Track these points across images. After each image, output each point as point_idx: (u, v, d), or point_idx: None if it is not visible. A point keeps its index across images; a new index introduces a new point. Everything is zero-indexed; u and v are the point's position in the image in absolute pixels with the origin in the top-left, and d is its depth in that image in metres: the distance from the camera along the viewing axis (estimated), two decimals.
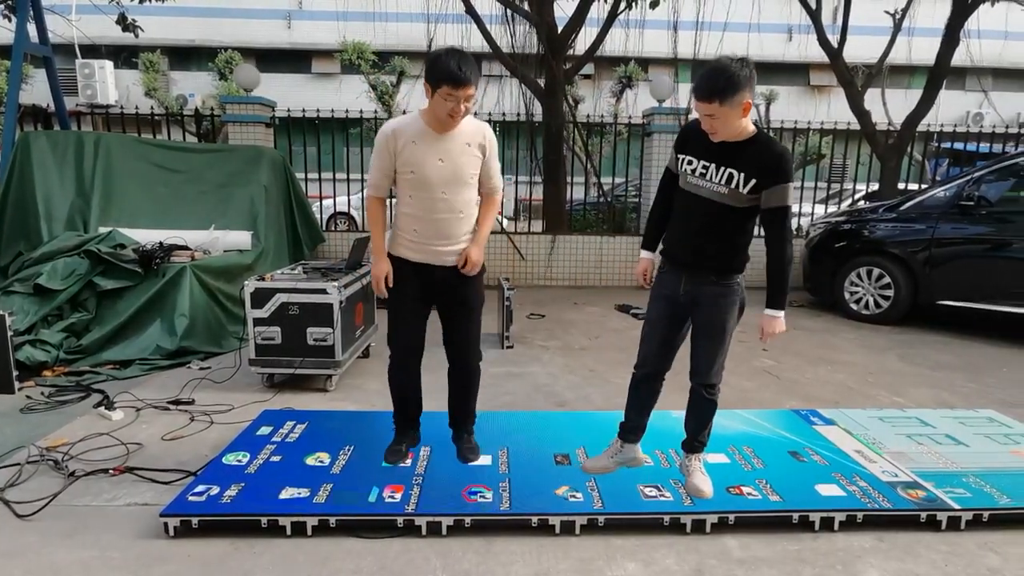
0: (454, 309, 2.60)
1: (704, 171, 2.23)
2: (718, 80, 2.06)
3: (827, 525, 2.37)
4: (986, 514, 2.40)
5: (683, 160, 2.31)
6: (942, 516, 2.38)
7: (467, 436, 2.76)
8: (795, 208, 9.92)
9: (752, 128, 2.20)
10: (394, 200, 2.66)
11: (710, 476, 2.55)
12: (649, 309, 2.52)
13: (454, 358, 2.68)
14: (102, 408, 3.37)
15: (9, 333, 3.65)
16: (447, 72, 2.27)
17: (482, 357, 2.73)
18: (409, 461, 2.71)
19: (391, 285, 2.53)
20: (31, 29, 6.30)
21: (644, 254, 2.57)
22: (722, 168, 2.20)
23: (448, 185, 2.44)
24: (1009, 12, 9.74)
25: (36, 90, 11.29)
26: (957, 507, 2.40)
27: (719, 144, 2.20)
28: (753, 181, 2.16)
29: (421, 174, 2.41)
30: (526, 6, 8.05)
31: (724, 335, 2.37)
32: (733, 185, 2.19)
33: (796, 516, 2.38)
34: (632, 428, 2.61)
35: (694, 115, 2.24)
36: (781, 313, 2.30)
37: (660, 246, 2.52)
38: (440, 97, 2.31)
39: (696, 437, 2.53)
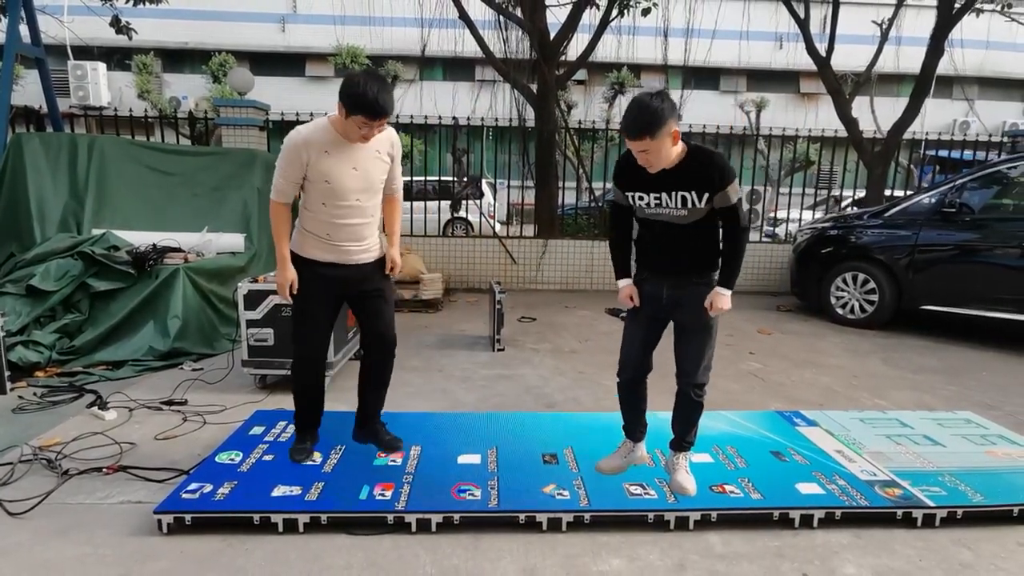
0: (368, 301, 2.69)
1: (658, 201, 2.34)
2: (643, 117, 2.16)
3: (806, 522, 2.43)
4: (960, 511, 2.47)
5: (633, 197, 2.41)
6: (918, 513, 2.45)
7: (383, 426, 2.86)
8: (782, 214, 10.06)
9: (681, 147, 2.30)
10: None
11: (694, 475, 2.62)
12: (631, 313, 2.60)
13: (375, 345, 2.76)
14: (95, 408, 3.40)
15: (1, 334, 3.68)
16: (364, 104, 2.30)
17: (396, 343, 2.82)
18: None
19: (295, 292, 2.60)
20: (23, 30, 6.31)
21: (623, 282, 2.61)
22: (674, 194, 2.30)
23: (362, 192, 2.53)
24: (992, 23, 9.93)
25: (27, 91, 11.28)
26: (932, 505, 2.47)
27: (660, 173, 2.30)
28: (706, 194, 2.28)
29: (337, 184, 2.46)
30: (519, 12, 8.14)
31: (710, 333, 2.47)
32: (690, 205, 2.30)
33: (777, 513, 2.44)
34: (633, 428, 2.73)
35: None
36: (729, 292, 2.40)
37: (633, 268, 2.61)
38: (354, 123, 2.36)
39: (684, 437, 2.62)
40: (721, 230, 2.39)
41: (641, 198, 2.37)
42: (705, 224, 2.36)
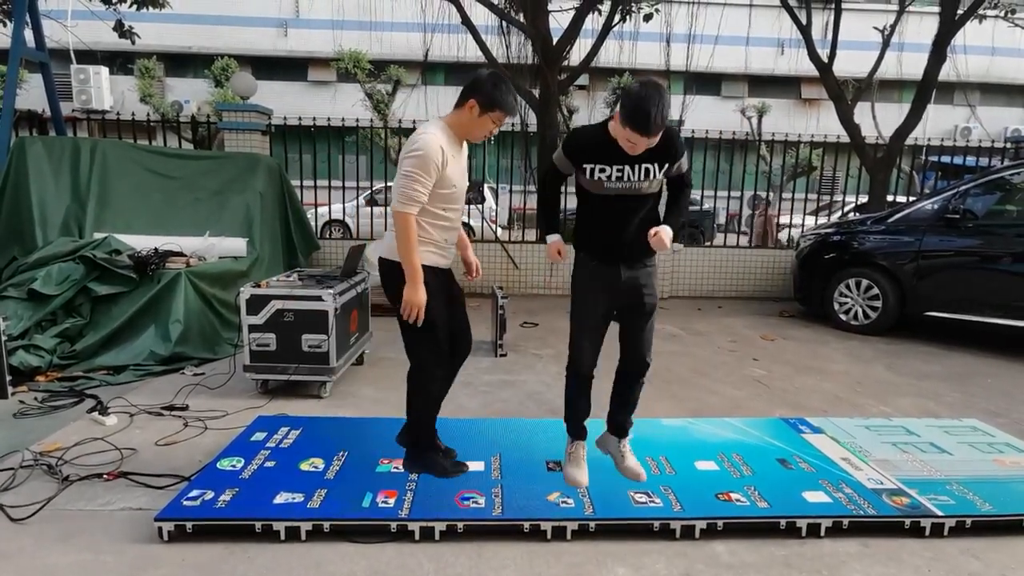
0: (456, 300, 2.74)
1: (620, 173, 2.37)
2: (659, 117, 2.18)
3: (814, 531, 2.41)
4: (968, 521, 2.45)
5: (591, 170, 2.39)
6: (926, 523, 2.43)
7: (450, 452, 2.89)
8: (785, 219, 10.04)
9: None
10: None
11: (701, 483, 2.61)
12: (583, 304, 2.61)
13: (464, 345, 2.83)
14: (96, 413, 3.38)
15: (3, 338, 3.67)
16: (507, 105, 2.41)
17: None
18: (388, 462, 2.79)
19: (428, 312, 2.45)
20: (28, 34, 6.32)
21: (552, 237, 2.69)
22: (637, 166, 2.36)
23: (464, 193, 2.61)
24: (995, 29, 9.94)
25: (31, 95, 11.29)
26: (940, 514, 2.45)
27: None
28: (666, 165, 2.39)
29: (460, 187, 2.51)
30: (521, 18, 8.15)
31: (654, 313, 2.58)
32: (651, 176, 2.38)
33: (784, 522, 2.42)
34: (581, 426, 2.76)
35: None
36: (672, 231, 2.45)
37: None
38: (488, 120, 2.42)
39: (627, 422, 2.73)
40: (672, 194, 2.55)
41: (603, 170, 2.38)
42: (654, 199, 2.48)
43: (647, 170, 2.36)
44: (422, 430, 2.71)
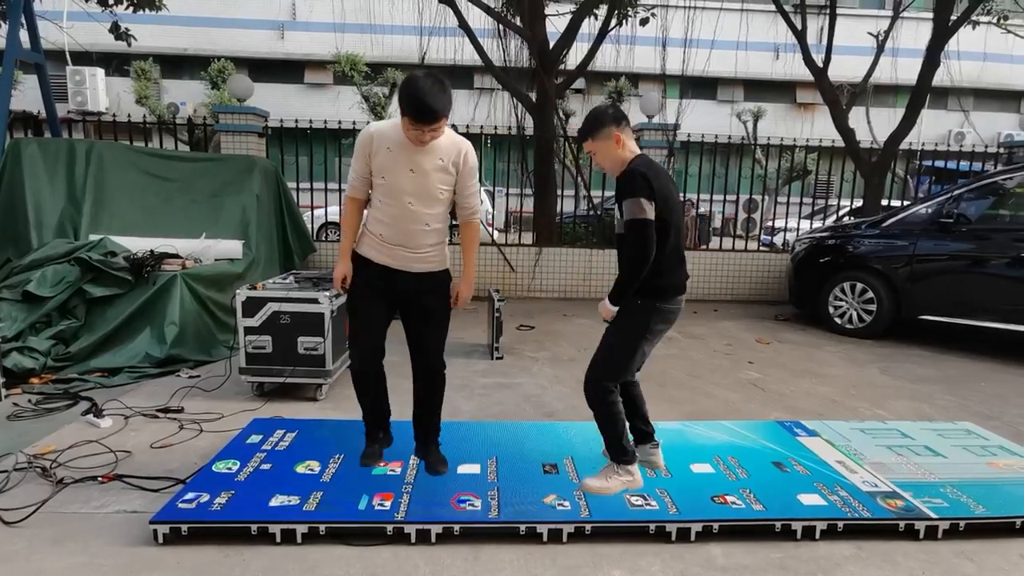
0: (416, 317, 2.66)
1: (612, 209, 2.51)
2: (584, 123, 2.37)
3: (808, 534, 2.42)
4: (962, 523, 2.46)
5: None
6: (920, 525, 2.44)
7: (434, 448, 2.84)
8: (780, 223, 10.08)
9: (627, 159, 2.44)
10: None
11: (696, 486, 2.63)
12: (631, 327, 2.60)
13: (418, 368, 2.76)
14: (90, 416, 3.36)
15: None
16: (411, 104, 2.28)
17: (445, 366, 2.80)
18: (384, 465, 2.77)
19: (347, 286, 2.65)
20: (23, 35, 6.30)
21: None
22: (616, 204, 2.45)
23: (416, 196, 2.49)
24: (988, 35, 10.02)
25: (26, 96, 11.27)
26: (934, 516, 2.46)
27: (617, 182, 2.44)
28: (617, 205, 2.44)
29: (391, 181, 2.47)
30: (518, 21, 8.17)
31: (607, 348, 2.55)
32: (618, 216, 2.43)
33: (779, 525, 2.42)
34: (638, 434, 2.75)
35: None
36: (609, 304, 2.49)
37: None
38: (407, 123, 2.35)
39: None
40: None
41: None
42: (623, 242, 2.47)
43: (618, 206, 2.45)
44: (363, 417, 2.84)
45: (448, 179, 2.53)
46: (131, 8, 7.52)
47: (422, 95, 2.27)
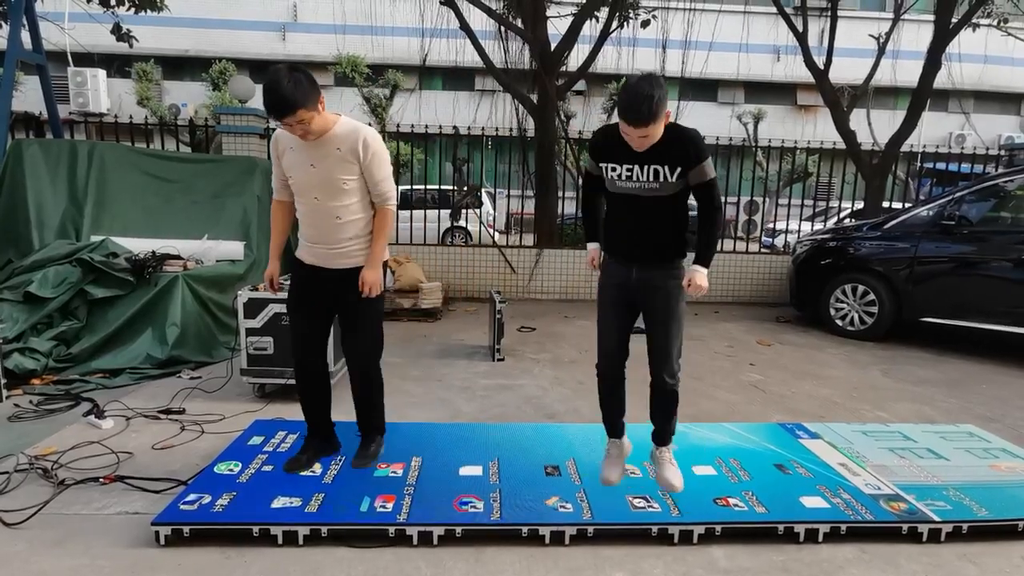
0: (344, 314, 2.68)
1: (629, 173, 2.35)
2: (646, 105, 2.16)
3: (811, 536, 2.41)
4: (965, 526, 2.45)
5: (606, 168, 2.42)
6: (923, 528, 2.44)
7: (367, 442, 2.87)
8: (781, 225, 10.07)
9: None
10: None
11: (699, 488, 2.62)
12: (602, 297, 2.60)
13: (349, 367, 2.79)
14: (92, 417, 3.36)
15: None
16: (264, 100, 2.33)
17: (378, 367, 2.78)
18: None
19: (276, 287, 2.77)
20: (25, 36, 6.31)
21: (591, 245, 2.67)
22: (646, 167, 2.32)
23: (319, 190, 2.50)
24: (989, 37, 10.03)
25: (28, 97, 11.28)
26: (937, 519, 2.46)
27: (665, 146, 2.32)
28: (679, 169, 2.30)
29: (296, 180, 2.52)
30: (520, 23, 8.18)
31: (678, 320, 2.47)
32: (662, 179, 2.32)
33: (781, 527, 2.42)
34: (615, 422, 2.70)
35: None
36: (705, 270, 2.42)
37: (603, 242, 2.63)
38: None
39: (665, 429, 2.62)
40: (697, 213, 2.42)
41: (613, 169, 2.39)
42: (673, 202, 2.38)
43: (656, 171, 2.30)
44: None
45: (351, 168, 2.49)
46: (133, 9, 7.53)
47: (273, 87, 2.28)
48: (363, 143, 2.48)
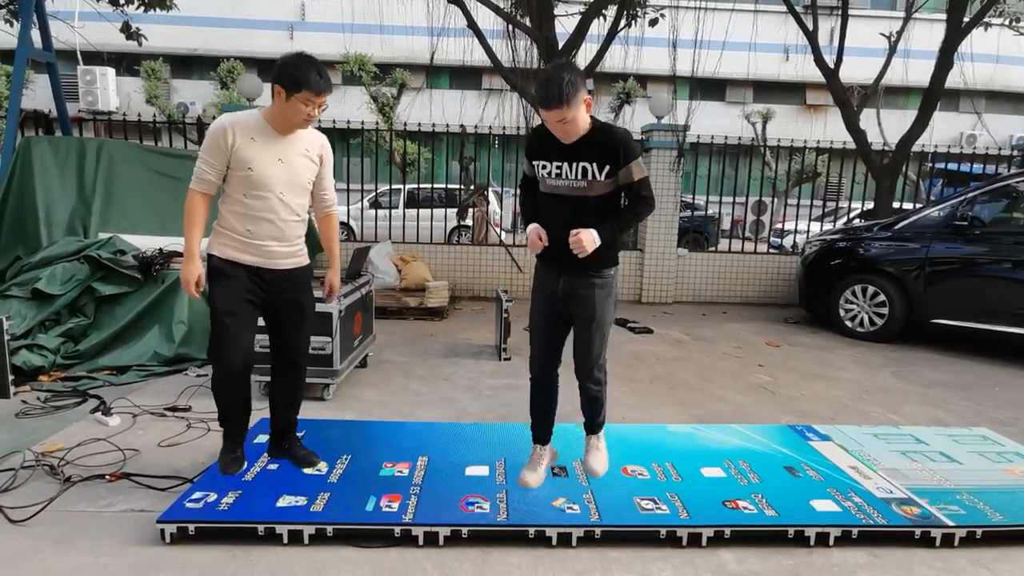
0: (288, 313, 2.60)
1: (559, 171, 2.34)
2: (557, 87, 2.14)
3: (822, 540, 2.38)
4: (979, 531, 2.41)
5: (538, 166, 2.41)
6: (936, 533, 2.40)
7: (297, 441, 2.80)
8: (789, 226, 10.00)
9: (590, 121, 2.32)
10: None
11: (708, 489, 2.60)
12: (533, 302, 2.61)
13: (282, 364, 2.67)
14: (98, 414, 3.36)
15: (6, 337, 3.66)
16: (310, 81, 2.31)
17: (307, 360, 2.78)
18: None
19: (202, 288, 2.48)
20: (35, 35, 6.34)
21: (532, 226, 2.51)
22: (575, 164, 2.31)
23: (286, 187, 2.46)
24: (1001, 37, 9.92)
25: (37, 95, 11.35)
26: (951, 524, 2.42)
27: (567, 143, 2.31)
28: (607, 167, 2.29)
29: (259, 172, 2.39)
30: (527, 22, 8.15)
31: (602, 327, 2.47)
32: (590, 177, 2.31)
33: (792, 531, 2.38)
34: (542, 429, 2.73)
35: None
36: (596, 236, 2.31)
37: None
38: (298, 102, 2.34)
39: (592, 421, 2.69)
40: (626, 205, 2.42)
41: (544, 167, 2.39)
42: (602, 204, 2.35)
43: (584, 169, 2.29)
44: (221, 423, 2.63)
45: (314, 169, 2.54)
46: (142, 8, 7.55)
47: (317, 69, 2.34)
48: (325, 149, 2.59)
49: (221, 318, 2.44)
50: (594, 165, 2.29)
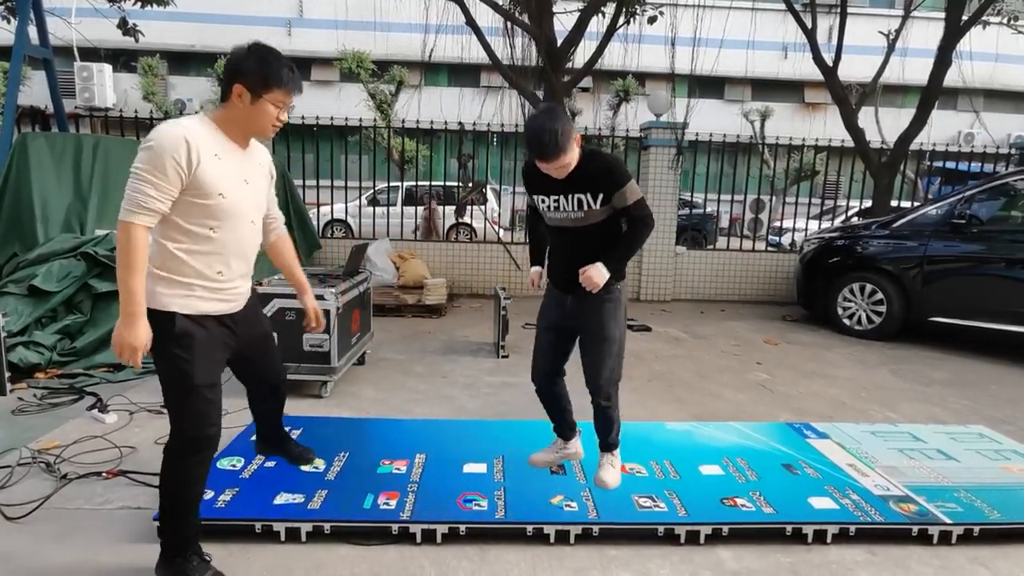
0: (256, 346, 2.17)
1: (556, 204, 2.38)
2: (551, 141, 2.16)
3: (820, 538, 2.38)
4: (977, 529, 2.42)
5: (537, 200, 2.46)
6: (934, 530, 2.40)
7: (291, 441, 2.48)
8: (787, 224, 10.01)
9: (579, 152, 2.33)
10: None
11: (706, 488, 2.59)
12: (540, 320, 2.63)
13: (268, 390, 2.31)
14: (95, 411, 3.35)
15: (2, 334, 3.65)
16: (282, 77, 1.85)
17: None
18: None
19: (156, 353, 1.89)
20: (31, 31, 6.31)
21: (533, 268, 2.75)
22: (570, 196, 2.34)
23: (256, 212, 2.01)
24: (1000, 35, 9.93)
25: (34, 92, 11.28)
26: (948, 521, 2.42)
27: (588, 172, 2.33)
28: (600, 195, 2.30)
29: (231, 199, 1.86)
30: (526, 19, 8.13)
31: (611, 342, 2.45)
32: (586, 207, 2.33)
33: (789, 528, 2.39)
34: (561, 429, 2.75)
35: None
36: (604, 269, 2.31)
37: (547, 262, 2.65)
38: (268, 103, 1.85)
39: (605, 439, 2.62)
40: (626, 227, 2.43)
41: (543, 201, 2.43)
42: (603, 230, 2.38)
43: (579, 200, 2.32)
44: (175, 524, 1.98)
45: (269, 185, 2.14)
46: (139, 4, 7.52)
47: (287, 66, 1.87)
48: (271, 160, 2.16)
49: (203, 393, 1.94)
50: (588, 195, 2.31)
